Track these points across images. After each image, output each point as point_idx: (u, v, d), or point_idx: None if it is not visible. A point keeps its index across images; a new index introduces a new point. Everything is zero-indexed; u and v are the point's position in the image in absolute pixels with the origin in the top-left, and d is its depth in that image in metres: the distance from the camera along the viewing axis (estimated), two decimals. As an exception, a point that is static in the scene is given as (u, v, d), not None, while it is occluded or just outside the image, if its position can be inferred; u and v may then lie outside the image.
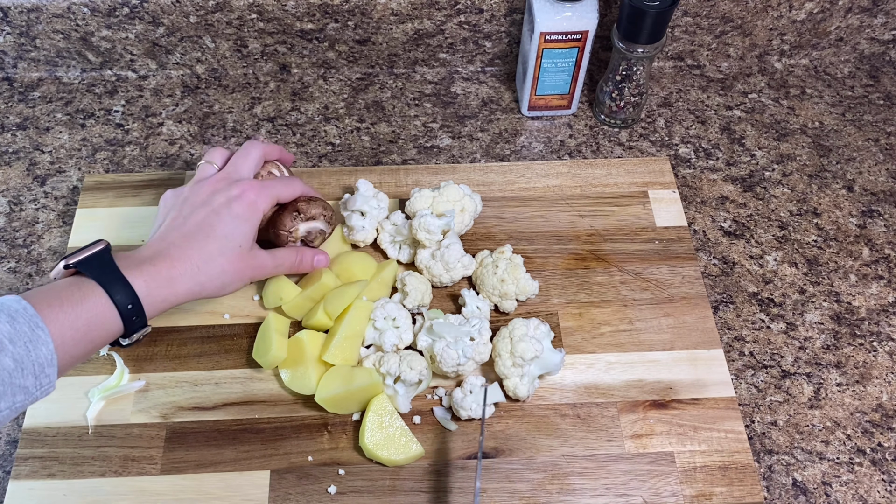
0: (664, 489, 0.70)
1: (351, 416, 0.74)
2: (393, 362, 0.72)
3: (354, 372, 0.72)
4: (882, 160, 0.96)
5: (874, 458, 0.74)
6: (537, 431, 0.74)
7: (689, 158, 0.96)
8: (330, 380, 0.72)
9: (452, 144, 0.97)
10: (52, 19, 0.94)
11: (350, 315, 0.75)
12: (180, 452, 0.72)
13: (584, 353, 0.78)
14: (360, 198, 0.83)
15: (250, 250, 0.70)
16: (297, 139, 0.97)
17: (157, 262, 0.64)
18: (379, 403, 0.72)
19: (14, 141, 0.95)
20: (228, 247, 0.68)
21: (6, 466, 0.73)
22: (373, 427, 0.71)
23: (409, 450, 0.70)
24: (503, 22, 0.98)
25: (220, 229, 0.68)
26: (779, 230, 0.89)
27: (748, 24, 1.00)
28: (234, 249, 0.68)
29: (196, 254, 0.66)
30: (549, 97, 0.96)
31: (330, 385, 0.72)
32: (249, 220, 0.70)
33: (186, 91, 1.01)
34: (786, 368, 0.80)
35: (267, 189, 0.72)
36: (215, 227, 0.68)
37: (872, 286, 0.85)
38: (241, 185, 0.70)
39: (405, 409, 0.74)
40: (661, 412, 0.75)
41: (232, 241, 0.68)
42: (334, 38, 0.99)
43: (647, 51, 0.88)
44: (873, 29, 1.02)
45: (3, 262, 0.85)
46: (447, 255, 0.78)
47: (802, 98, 1.02)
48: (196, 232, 0.67)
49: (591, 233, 0.87)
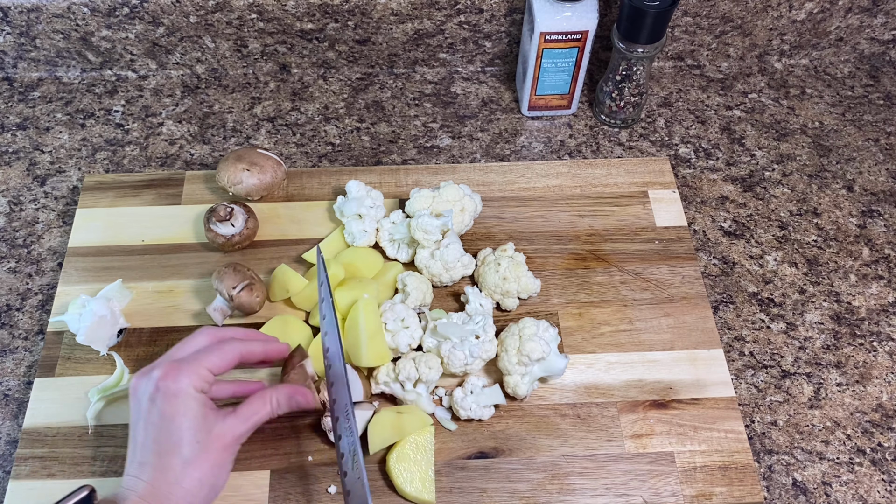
0: (664, 489, 0.70)
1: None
2: (410, 367, 0.72)
3: (403, 419, 0.71)
4: (882, 160, 0.96)
5: (874, 458, 0.74)
6: (537, 431, 0.74)
7: (689, 158, 0.96)
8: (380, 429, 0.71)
9: (452, 144, 0.97)
10: (52, 19, 0.94)
11: (362, 315, 0.74)
12: (180, 452, 0.72)
13: (584, 353, 0.78)
14: (353, 201, 0.83)
15: (211, 434, 0.59)
16: (297, 139, 0.97)
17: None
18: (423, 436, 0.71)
19: (14, 141, 0.95)
20: (185, 455, 0.58)
21: (6, 466, 0.73)
22: (404, 453, 0.70)
23: (421, 494, 0.69)
24: (503, 22, 0.98)
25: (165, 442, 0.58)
26: (779, 230, 0.89)
27: (748, 24, 1.00)
28: (194, 451, 0.58)
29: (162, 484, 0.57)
30: (549, 97, 0.96)
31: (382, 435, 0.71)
32: (186, 413, 0.59)
33: (186, 91, 1.01)
34: (786, 368, 0.80)
35: (187, 369, 0.60)
36: (161, 444, 0.58)
37: (872, 286, 0.85)
38: (153, 378, 0.60)
39: (430, 410, 0.74)
40: (661, 412, 0.75)
41: (184, 446, 0.58)
42: (334, 38, 0.99)
43: (647, 51, 0.88)
44: (873, 29, 1.02)
45: (3, 262, 0.85)
46: (446, 254, 0.78)
47: (802, 98, 1.02)
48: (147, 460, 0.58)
49: (591, 233, 0.87)
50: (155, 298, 0.81)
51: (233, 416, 0.61)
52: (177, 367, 0.60)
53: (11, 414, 0.76)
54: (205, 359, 0.61)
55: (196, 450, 0.58)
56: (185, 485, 0.57)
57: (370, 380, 0.75)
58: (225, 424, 0.61)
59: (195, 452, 0.58)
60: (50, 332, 0.78)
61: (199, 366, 0.61)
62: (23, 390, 0.77)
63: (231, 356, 0.63)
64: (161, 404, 0.58)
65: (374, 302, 0.76)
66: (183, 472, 0.58)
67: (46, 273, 0.85)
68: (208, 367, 0.61)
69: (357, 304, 0.75)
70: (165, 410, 0.58)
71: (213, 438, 0.59)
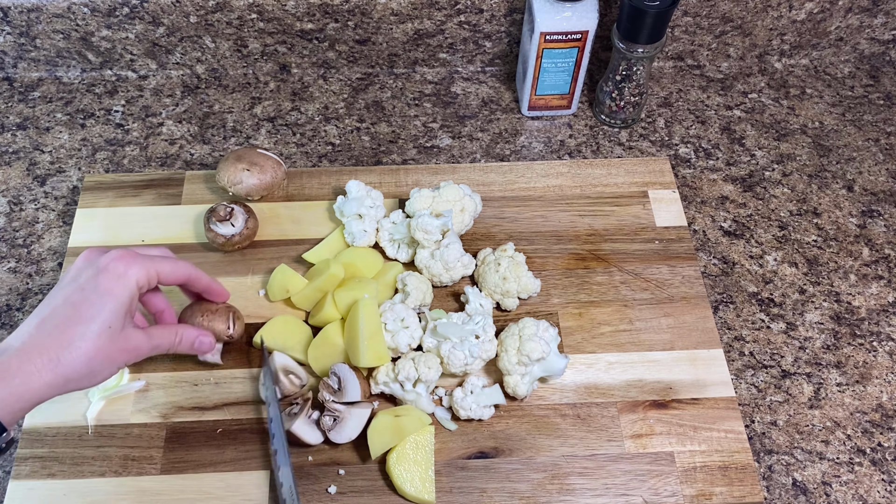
0: (664, 489, 0.70)
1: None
2: (409, 367, 0.72)
3: (401, 421, 0.71)
4: (882, 160, 0.96)
5: (874, 458, 0.74)
6: (537, 431, 0.74)
7: (689, 158, 0.96)
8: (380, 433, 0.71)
9: (452, 144, 0.97)
10: (52, 19, 0.94)
11: (362, 315, 0.74)
12: (180, 452, 0.72)
13: (584, 353, 0.78)
14: (353, 201, 0.83)
15: (122, 331, 0.61)
16: (297, 139, 0.97)
17: (7, 360, 0.56)
18: (423, 436, 0.71)
19: (14, 141, 0.95)
20: (93, 329, 0.59)
21: (6, 466, 0.73)
22: (404, 453, 0.70)
23: (421, 494, 0.69)
24: (503, 22, 0.98)
25: (85, 310, 0.59)
26: (779, 230, 0.89)
27: (748, 24, 1.00)
28: (102, 332, 0.59)
29: (53, 342, 0.58)
30: (549, 97, 0.96)
31: (382, 439, 0.71)
32: (118, 297, 0.60)
33: (186, 91, 1.01)
34: (786, 368, 0.80)
35: (141, 262, 0.63)
36: (78, 308, 0.59)
37: (872, 286, 0.85)
38: (109, 255, 0.62)
39: (430, 410, 0.74)
40: (661, 412, 0.75)
41: (97, 322, 0.59)
42: (334, 38, 0.99)
43: (647, 51, 0.88)
44: (873, 29, 1.02)
45: (3, 262, 0.85)
46: (446, 254, 0.78)
47: (802, 98, 1.02)
48: (53, 316, 0.59)
49: (591, 233, 0.87)
50: (155, 298, 0.81)
51: (142, 332, 0.64)
52: (133, 256, 0.63)
53: (11, 414, 0.76)
54: (159, 262, 0.64)
55: (104, 332, 0.59)
56: (74, 353, 0.58)
57: (370, 380, 0.75)
58: (134, 332, 0.63)
59: (101, 332, 0.59)
60: (50, 332, 0.78)
61: (152, 264, 0.63)
62: (23, 390, 0.77)
63: (182, 272, 0.67)
64: (102, 278, 0.60)
65: (374, 302, 0.76)
66: (80, 342, 0.58)
67: (46, 273, 0.85)
68: (158, 270, 0.64)
69: (357, 304, 0.75)
70: (101, 284, 0.60)
71: (121, 335, 0.61)
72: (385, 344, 0.74)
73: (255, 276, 0.83)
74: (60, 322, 0.59)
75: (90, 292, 0.60)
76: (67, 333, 0.58)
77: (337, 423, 0.70)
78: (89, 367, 0.59)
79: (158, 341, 0.65)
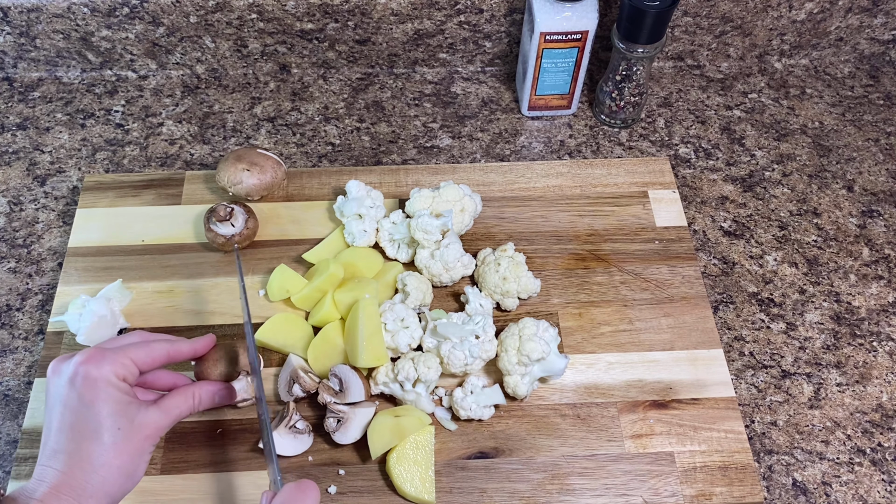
0: (664, 489, 0.70)
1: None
2: (409, 368, 0.72)
3: (401, 421, 0.71)
4: (882, 160, 0.96)
5: (874, 458, 0.74)
6: (537, 431, 0.74)
7: (689, 158, 0.96)
8: (380, 434, 0.71)
9: (452, 144, 0.97)
10: (52, 19, 0.94)
11: (362, 315, 0.74)
12: (180, 452, 0.72)
13: (584, 353, 0.78)
14: (353, 201, 0.83)
15: (134, 422, 0.58)
16: (297, 139, 0.97)
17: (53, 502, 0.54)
18: (423, 436, 0.71)
19: (14, 141, 0.95)
20: (106, 442, 0.56)
21: (6, 466, 0.73)
22: (404, 453, 0.70)
23: (421, 494, 0.69)
24: (503, 22, 0.98)
25: (85, 428, 0.56)
26: (779, 230, 0.89)
27: (748, 24, 1.00)
28: (115, 439, 0.57)
29: (78, 472, 0.55)
30: (549, 97, 0.96)
31: (382, 440, 0.71)
32: (107, 399, 0.57)
33: (186, 91, 1.01)
34: (786, 368, 0.80)
35: (111, 356, 0.59)
36: (79, 429, 0.56)
37: (872, 286, 0.85)
38: (74, 361, 0.58)
39: (430, 410, 0.74)
40: (661, 412, 0.75)
41: (104, 432, 0.56)
42: (334, 38, 0.99)
43: (647, 51, 0.88)
44: (873, 29, 1.02)
45: (3, 262, 0.85)
46: (446, 254, 0.78)
47: (802, 98, 1.02)
48: (60, 447, 0.56)
49: (591, 233, 0.87)
50: (155, 298, 0.81)
51: (155, 408, 0.60)
52: (100, 353, 0.59)
53: (11, 414, 0.76)
54: (130, 350, 0.61)
55: (118, 437, 0.57)
56: (102, 472, 0.56)
57: (370, 380, 0.75)
58: (147, 414, 0.59)
59: (116, 439, 0.57)
60: (50, 332, 0.78)
61: (123, 355, 0.60)
62: (23, 390, 0.77)
63: (157, 353, 0.63)
64: (81, 388, 0.57)
65: (374, 302, 0.76)
66: (101, 459, 0.56)
67: (46, 273, 0.85)
68: (132, 358, 0.60)
69: (357, 305, 0.75)
70: (85, 395, 0.57)
71: (135, 427, 0.58)
72: (384, 344, 0.74)
73: (255, 276, 0.83)
74: (72, 451, 0.56)
75: (79, 408, 0.57)
76: (85, 461, 0.56)
77: (341, 424, 0.70)
78: (124, 474, 0.57)
79: (177, 412, 0.63)
